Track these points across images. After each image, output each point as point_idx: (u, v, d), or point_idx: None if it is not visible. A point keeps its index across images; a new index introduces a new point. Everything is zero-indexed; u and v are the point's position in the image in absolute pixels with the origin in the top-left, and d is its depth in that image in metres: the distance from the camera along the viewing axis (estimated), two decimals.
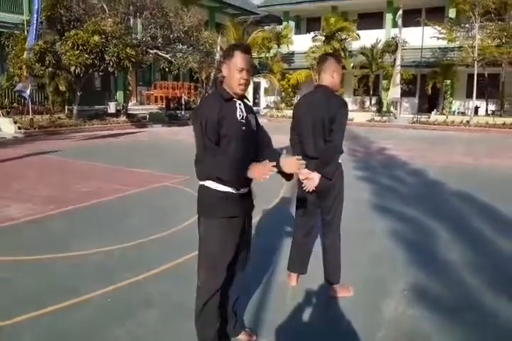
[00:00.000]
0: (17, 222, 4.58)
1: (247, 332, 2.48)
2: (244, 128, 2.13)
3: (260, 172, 1.91)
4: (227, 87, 2.16)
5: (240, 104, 2.17)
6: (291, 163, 2.06)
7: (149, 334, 2.53)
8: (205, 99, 2.33)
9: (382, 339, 2.50)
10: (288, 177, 2.17)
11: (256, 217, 4.43)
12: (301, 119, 2.97)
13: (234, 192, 2.11)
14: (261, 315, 2.74)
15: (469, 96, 19.18)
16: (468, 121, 17.38)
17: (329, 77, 2.91)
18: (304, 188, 2.90)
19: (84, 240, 4.04)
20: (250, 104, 2.33)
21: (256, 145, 2.21)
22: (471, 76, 18.47)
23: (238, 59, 2.09)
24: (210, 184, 2.11)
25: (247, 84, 2.14)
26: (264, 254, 3.68)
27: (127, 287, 3.10)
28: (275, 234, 4.21)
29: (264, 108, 25.95)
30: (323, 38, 20.94)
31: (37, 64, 13.06)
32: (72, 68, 13.14)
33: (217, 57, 18.63)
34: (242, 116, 2.15)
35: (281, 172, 2.08)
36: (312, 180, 2.84)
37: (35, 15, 12.59)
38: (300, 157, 2.10)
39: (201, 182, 2.17)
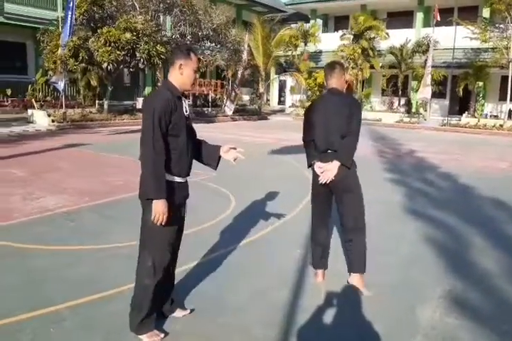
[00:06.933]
0: (53, 212, 4.72)
1: (182, 308, 2.69)
2: (187, 122, 2.48)
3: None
4: (177, 85, 2.41)
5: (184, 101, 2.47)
6: (232, 152, 2.63)
7: (183, 327, 2.56)
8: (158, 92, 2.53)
9: None
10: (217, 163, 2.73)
11: (282, 218, 4.44)
12: (319, 117, 3.07)
13: (180, 181, 2.51)
14: (291, 315, 2.74)
15: (503, 99, 18.61)
16: (501, 125, 16.87)
17: (340, 81, 3.14)
18: (321, 181, 3.00)
19: (117, 232, 4.13)
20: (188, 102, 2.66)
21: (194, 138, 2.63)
22: (504, 78, 17.91)
23: (194, 61, 2.40)
24: None
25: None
26: (288, 254, 3.68)
27: None
28: (296, 233, 4.19)
29: (289, 106, 25.87)
30: (352, 37, 20.68)
31: (71, 59, 13.41)
32: (105, 65, 13.44)
33: (245, 55, 18.68)
34: (188, 112, 2.47)
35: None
36: (329, 170, 2.95)
37: (70, 12, 12.90)
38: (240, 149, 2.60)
39: None
